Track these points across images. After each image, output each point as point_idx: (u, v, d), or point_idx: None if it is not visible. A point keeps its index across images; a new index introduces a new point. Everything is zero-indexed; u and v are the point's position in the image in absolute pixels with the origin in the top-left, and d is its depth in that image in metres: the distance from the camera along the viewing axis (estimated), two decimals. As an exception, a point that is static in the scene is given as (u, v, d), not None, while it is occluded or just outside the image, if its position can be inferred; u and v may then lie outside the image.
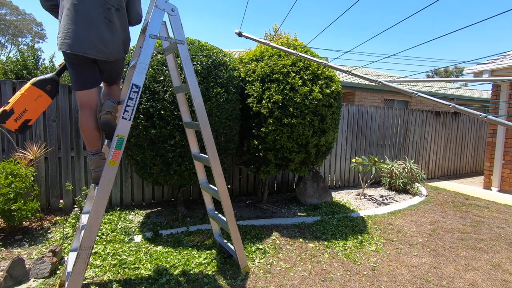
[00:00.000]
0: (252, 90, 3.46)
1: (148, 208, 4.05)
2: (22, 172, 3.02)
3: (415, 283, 2.39)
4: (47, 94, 2.03)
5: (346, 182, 5.92)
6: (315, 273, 2.48)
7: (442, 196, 5.34)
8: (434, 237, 3.36)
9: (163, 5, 2.01)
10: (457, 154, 7.62)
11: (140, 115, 3.00)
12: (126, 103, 1.83)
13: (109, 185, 1.80)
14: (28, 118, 1.96)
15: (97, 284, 2.21)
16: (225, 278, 2.34)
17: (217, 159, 2.30)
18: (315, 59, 2.24)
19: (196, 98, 2.20)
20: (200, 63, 3.13)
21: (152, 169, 3.21)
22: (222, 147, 3.37)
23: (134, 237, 3.07)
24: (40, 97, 1.99)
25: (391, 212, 4.27)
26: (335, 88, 3.59)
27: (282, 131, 3.36)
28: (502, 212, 4.45)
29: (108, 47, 1.91)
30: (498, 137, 5.92)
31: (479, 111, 1.60)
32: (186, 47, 2.15)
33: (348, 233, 3.33)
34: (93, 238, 1.78)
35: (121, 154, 1.84)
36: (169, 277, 2.32)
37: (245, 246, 2.87)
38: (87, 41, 1.83)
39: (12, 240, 2.89)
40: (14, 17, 26.85)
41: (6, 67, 7.53)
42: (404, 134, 6.56)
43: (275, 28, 18.17)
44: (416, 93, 1.78)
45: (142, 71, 1.88)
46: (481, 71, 5.84)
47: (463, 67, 33.73)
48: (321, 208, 4.20)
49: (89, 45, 1.84)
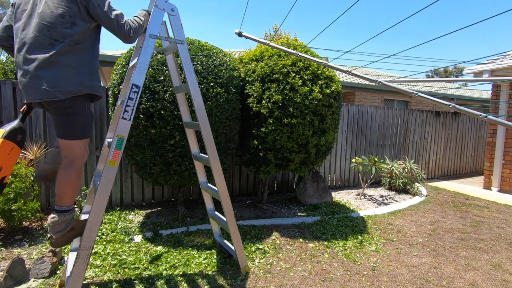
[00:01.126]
0: (252, 90, 3.46)
1: (148, 208, 4.05)
2: (22, 172, 3.02)
3: (415, 283, 2.39)
4: (18, 146, 1.88)
5: (346, 182, 5.92)
6: (315, 273, 2.48)
7: (442, 196, 5.34)
8: (434, 237, 3.36)
9: (163, 5, 2.01)
10: (457, 154, 7.62)
11: (140, 115, 3.00)
12: (126, 103, 1.83)
13: (109, 185, 1.80)
14: (3, 176, 1.83)
15: (97, 284, 2.21)
16: (225, 278, 2.34)
17: (217, 159, 2.29)
18: (315, 59, 2.24)
19: (196, 98, 2.20)
20: (200, 63, 3.13)
21: (152, 169, 3.21)
22: (222, 147, 3.37)
23: (134, 237, 3.07)
24: (12, 149, 1.84)
25: (391, 212, 4.27)
26: (335, 88, 3.59)
27: (282, 131, 3.36)
28: (502, 212, 4.45)
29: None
30: (498, 137, 5.92)
31: (479, 111, 1.60)
32: (186, 47, 2.15)
33: (348, 233, 3.33)
34: (93, 238, 1.78)
35: (121, 154, 1.84)
36: (169, 277, 2.32)
37: (245, 246, 2.87)
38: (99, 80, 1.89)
39: (12, 240, 2.89)
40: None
41: (6, 67, 7.54)
42: (404, 134, 6.56)
43: (275, 28, 18.17)
44: (416, 93, 1.78)
45: (142, 71, 1.88)
46: (481, 71, 5.84)
47: (463, 67, 33.73)
48: (321, 208, 4.20)
49: (100, 85, 1.90)
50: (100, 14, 1.78)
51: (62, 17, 1.72)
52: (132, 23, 1.89)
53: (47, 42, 1.69)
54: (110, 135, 2.44)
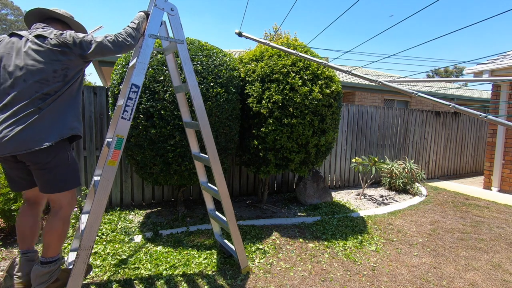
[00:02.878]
0: (252, 90, 3.45)
1: (148, 208, 4.05)
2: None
3: (415, 283, 2.39)
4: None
5: (346, 182, 5.92)
6: (315, 273, 2.48)
7: (442, 196, 5.34)
8: (434, 237, 3.36)
9: (163, 4, 2.01)
10: (457, 154, 7.62)
11: (140, 115, 3.00)
12: (126, 103, 1.83)
13: (108, 185, 1.80)
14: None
15: (97, 284, 2.21)
16: (225, 278, 2.34)
17: (217, 159, 2.29)
18: (315, 59, 2.24)
19: (196, 98, 2.20)
20: (200, 63, 3.13)
21: (152, 169, 3.21)
22: (222, 147, 3.37)
23: (134, 237, 3.07)
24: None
25: (391, 212, 4.27)
26: (335, 88, 3.58)
27: (282, 131, 3.36)
28: (502, 212, 4.45)
29: None
30: (498, 137, 5.91)
31: (479, 111, 1.60)
32: (185, 46, 2.15)
33: (348, 233, 3.33)
34: (93, 238, 1.78)
35: (121, 154, 1.83)
36: (169, 277, 2.32)
37: (245, 246, 2.87)
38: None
39: (12, 240, 2.89)
40: (15, 17, 26.88)
41: None
42: (404, 134, 6.56)
43: (275, 28, 18.18)
44: (416, 93, 1.78)
45: (141, 71, 1.88)
46: (481, 71, 5.84)
47: (463, 67, 33.72)
48: (321, 208, 4.20)
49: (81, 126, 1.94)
50: (94, 51, 1.77)
51: (55, 72, 1.69)
52: (121, 34, 1.89)
53: (28, 96, 1.63)
54: (110, 135, 2.44)
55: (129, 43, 1.89)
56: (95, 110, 3.82)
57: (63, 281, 1.87)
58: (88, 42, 1.77)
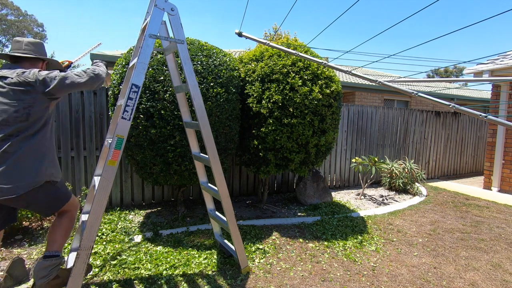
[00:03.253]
0: (252, 90, 3.45)
1: (148, 208, 4.05)
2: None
3: (415, 283, 2.39)
4: None
5: (346, 182, 5.92)
6: (315, 273, 2.48)
7: (442, 196, 5.34)
8: (434, 237, 3.36)
9: (163, 4, 2.01)
10: (457, 154, 7.62)
11: (140, 115, 3.00)
12: (126, 103, 1.83)
13: (108, 185, 1.80)
14: None
15: (97, 284, 2.21)
16: (225, 278, 2.34)
17: (217, 159, 2.29)
18: (315, 59, 2.24)
19: (196, 98, 2.20)
20: (200, 63, 3.13)
21: (152, 169, 3.21)
22: (222, 147, 3.37)
23: (134, 237, 3.07)
24: None
25: (391, 212, 4.27)
26: (335, 88, 3.59)
27: (282, 131, 3.36)
28: (502, 212, 4.45)
29: None
30: (498, 137, 5.91)
31: (479, 111, 1.60)
32: (186, 46, 2.15)
33: (348, 233, 3.33)
34: (93, 238, 1.78)
35: (121, 154, 1.83)
36: (169, 277, 2.32)
37: (245, 246, 2.87)
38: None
39: (12, 240, 2.89)
40: (15, 17, 26.88)
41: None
42: (404, 134, 6.56)
43: (275, 28, 18.18)
44: (416, 93, 1.78)
45: (141, 71, 1.88)
46: (481, 71, 5.84)
47: (463, 67, 33.70)
48: (321, 208, 4.20)
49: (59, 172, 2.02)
50: (57, 84, 1.78)
51: (16, 112, 1.68)
52: (88, 69, 1.96)
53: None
54: (110, 135, 2.44)
55: (97, 73, 1.97)
56: (95, 110, 3.82)
57: (63, 279, 1.92)
58: (52, 78, 1.79)
